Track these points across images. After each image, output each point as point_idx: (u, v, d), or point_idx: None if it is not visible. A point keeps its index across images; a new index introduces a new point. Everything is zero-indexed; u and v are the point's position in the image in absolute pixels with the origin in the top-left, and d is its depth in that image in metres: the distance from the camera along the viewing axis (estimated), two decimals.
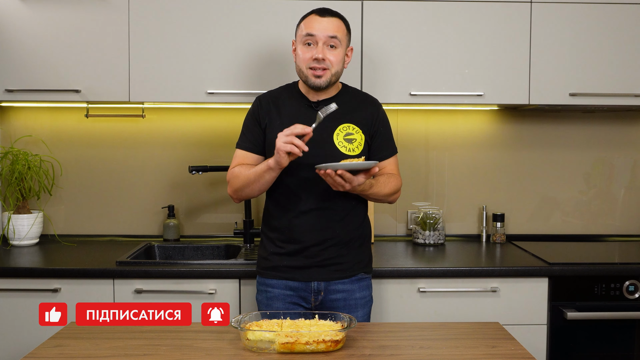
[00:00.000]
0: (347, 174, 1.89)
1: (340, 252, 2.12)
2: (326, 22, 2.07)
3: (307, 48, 2.07)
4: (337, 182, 1.91)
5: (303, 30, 2.08)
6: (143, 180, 3.00)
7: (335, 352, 1.66)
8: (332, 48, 2.07)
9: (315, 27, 2.06)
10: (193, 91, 2.63)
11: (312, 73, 2.06)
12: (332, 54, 2.06)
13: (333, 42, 2.06)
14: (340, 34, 2.07)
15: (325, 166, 1.90)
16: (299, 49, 2.10)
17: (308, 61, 2.06)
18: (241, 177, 2.08)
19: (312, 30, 2.06)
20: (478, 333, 1.85)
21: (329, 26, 2.06)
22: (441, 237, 2.90)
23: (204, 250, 2.86)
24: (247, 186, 2.08)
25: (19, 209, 2.81)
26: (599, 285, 2.45)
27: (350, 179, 1.91)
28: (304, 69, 2.08)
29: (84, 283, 2.40)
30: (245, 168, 2.10)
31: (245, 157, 2.15)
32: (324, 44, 2.05)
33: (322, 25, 2.06)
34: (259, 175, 2.03)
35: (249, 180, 2.06)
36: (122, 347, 1.70)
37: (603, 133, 3.06)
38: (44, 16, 2.61)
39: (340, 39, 2.07)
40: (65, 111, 2.95)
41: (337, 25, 2.08)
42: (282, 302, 2.12)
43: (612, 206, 3.08)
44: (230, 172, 2.15)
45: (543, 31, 2.66)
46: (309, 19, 2.09)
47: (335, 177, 1.90)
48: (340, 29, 2.09)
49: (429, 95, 2.66)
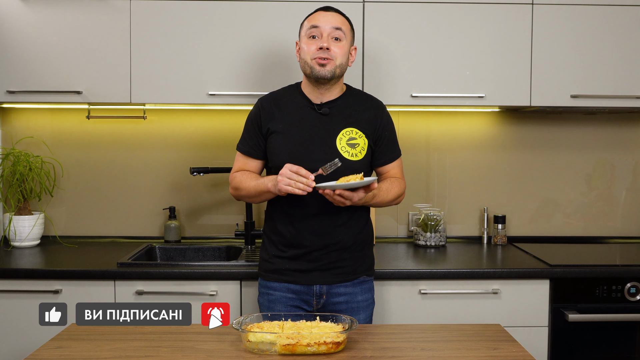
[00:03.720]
0: (346, 193, 1.91)
1: (342, 256, 2.12)
2: (330, 15, 2.09)
3: (312, 40, 2.07)
4: (336, 200, 1.94)
5: (307, 25, 2.10)
6: (144, 181, 3.00)
7: (336, 354, 1.66)
8: (336, 40, 2.07)
9: (320, 19, 2.08)
10: (194, 92, 2.63)
11: (317, 62, 2.05)
12: (337, 46, 2.07)
13: (337, 35, 2.07)
14: (344, 27, 2.09)
15: (324, 186, 1.92)
16: (303, 43, 2.10)
17: (313, 52, 2.06)
18: (242, 188, 2.13)
19: (317, 22, 2.07)
20: (479, 335, 1.85)
21: (334, 19, 2.08)
22: (442, 239, 2.90)
23: (205, 251, 2.85)
24: (248, 197, 2.15)
25: (20, 210, 2.81)
26: (600, 287, 2.45)
27: (349, 197, 1.93)
28: (308, 60, 2.07)
29: (85, 284, 2.39)
30: (247, 177, 2.12)
31: (246, 162, 2.17)
32: (328, 35, 2.07)
33: (327, 18, 2.08)
34: (259, 192, 2.08)
35: (249, 194, 2.12)
36: (123, 348, 1.70)
37: (604, 135, 3.06)
38: (45, 17, 2.61)
39: (345, 32, 2.09)
40: (67, 112, 2.96)
41: (342, 20, 2.11)
42: (283, 305, 2.11)
43: (613, 208, 3.08)
44: (232, 176, 2.17)
45: (544, 33, 2.65)
46: (313, 15, 2.12)
47: (334, 196, 1.93)
48: (345, 24, 2.11)
49: (430, 97, 2.66)
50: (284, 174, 1.93)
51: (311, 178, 1.91)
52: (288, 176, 1.92)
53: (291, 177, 1.92)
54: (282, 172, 1.94)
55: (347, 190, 1.91)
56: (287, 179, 1.92)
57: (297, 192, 1.91)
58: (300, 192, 1.91)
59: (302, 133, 2.07)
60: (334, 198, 1.93)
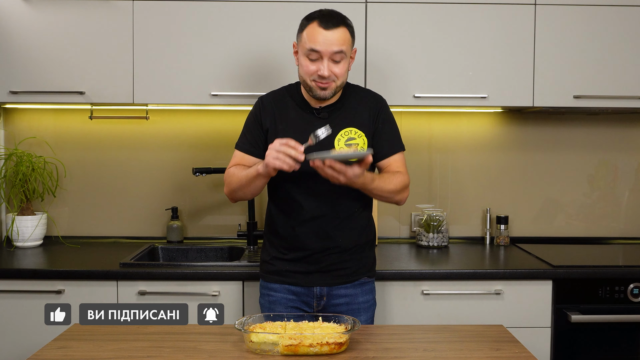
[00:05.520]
0: (338, 165, 1.81)
1: (343, 257, 2.10)
2: (330, 35, 1.96)
3: (311, 62, 2.00)
4: (328, 174, 1.83)
5: (306, 43, 1.99)
6: (147, 181, 3.00)
7: (338, 355, 1.65)
8: (337, 63, 2.00)
9: (320, 41, 1.96)
10: (197, 93, 2.63)
11: (317, 85, 2.01)
12: (338, 67, 2.00)
13: (338, 57, 1.99)
14: (345, 47, 1.98)
15: (314, 156, 1.81)
16: (302, 59, 2.03)
17: (313, 74, 2.00)
18: (234, 179, 2.05)
19: (316, 45, 1.96)
20: (482, 336, 1.84)
21: (334, 40, 1.96)
22: (445, 240, 2.89)
23: (207, 252, 2.86)
24: (240, 189, 2.05)
25: (23, 211, 2.81)
26: (603, 288, 2.44)
27: (342, 170, 1.81)
28: (308, 80, 2.02)
29: (87, 284, 2.40)
30: (240, 170, 2.06)
31: (243, 158, 2.11)
32: (329, 58, 1.98)
33: (327, 40, 1.96)
34: (250, 180, 1.99)
35: (241, 184, 2.03)
36: (125, 348, 1.70)
37: (607, 135, 3.06)
38: (48, 18, 2.62)
39: (346, 51, 2.00)
40: (69, 113, 2.96)
41: (342, 38, 1.98)
42: (284, 306, 2.11)
43: (616, 209, 3.08)
44: (227, 172, 2.11)
45: (547, 33, 2.65)
46: (312, 30, 1.98)
47: (325, 169, 1.82)
48: (346, 41, 1.99)
49: (433, 97, 2.66)
50: (272, 147, 1.84)
51: (300, 149, 1.81)
52: (277, 149, 1.82)
53: (279, 149, 1.82)
54: (271, 145, 1.85)
55: (340, 163, 1.81)
56: (275, 152, 1.83)
57: (285, 167, 1.82)
58: (289, 167, 1.82)
59: (302, 134, 2.04)
60: (325, 171, 1.82)
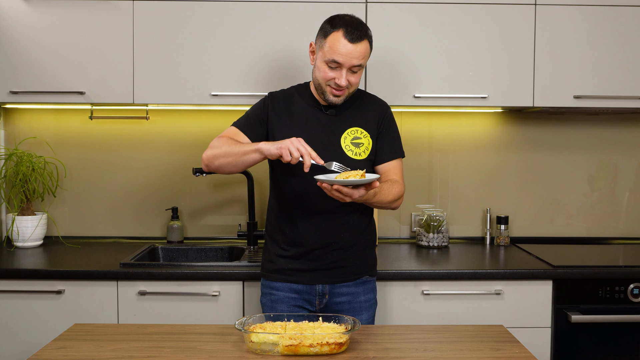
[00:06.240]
0: (345, 189, 1.84)
1: (344, 255, 2.12)
2: (353, 49, 1.98)
3: (330, 69, 2.01)
4: (334, 195, 1.87)
5: (328, 52, 1.99)
6: (147, 182, 3.01)
7: (339, 355, 1.66)
8: (354, 73, 2.03)
9: (343, 53, 1.98)
10: (197, 93, 2.63)
11: (331, 91, 2.04)
12: (354, 77, 2.04)
13: (357, 68, 2.02)
14: (365, 60, 2.03)
15: (322, 179, 1.85)
16: (320, 64, 2.03)
17: (329, 80, 2.03)
18: (225, 145, 1.99)
19: (339, 57, 1.98)
20: (482, 336, 1.84)
21: (357, 54, 1.99)
22: (445, 240, 2.89)
23: (207, 252, 2.86)
24: (226, 156, 1.97)
25: (23, 211, 2.81)
26: (603, 288, 2.45)
27: (348, 194, 1.85)
28: (322, 84, 2.04)
29: (87, 285, 2.40)
30: (233, 141, 2.03)
31: (237, 134, 2.08)
32: (348, 69, 2.01)
33: (350, 54, 1.98)
34: (244, 152, 1.94)
35: (231, 151, 1.96)
36: (125, 349, 1.70)
37: (607, 135, 3.06)
38: (48, 18, 2.62)
39: (364, 63, 2.04)
40: (70, 113, 2.96)
41: (364, 51, 2.01)
42: (286, 305, 2.11)
43: (616, 209, 3.08)
44: (217, 138, 2.06)
45: (547, 33, 2.65)
46: (336, 40, 1.98)
47: (332, 191, 1.85)
48: (367, 54, 2.03)
49: (433, 98, 2.66)
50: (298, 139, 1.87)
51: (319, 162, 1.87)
52: (300, 144, 1.85)
53: (301, 145, 1.85)
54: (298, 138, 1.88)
55: (347, 187, 1.85)
56: (297, 142, 1.85)
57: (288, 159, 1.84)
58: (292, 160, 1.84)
59: (308, 131, 2.07)
60: (332, 193, 1.86)
